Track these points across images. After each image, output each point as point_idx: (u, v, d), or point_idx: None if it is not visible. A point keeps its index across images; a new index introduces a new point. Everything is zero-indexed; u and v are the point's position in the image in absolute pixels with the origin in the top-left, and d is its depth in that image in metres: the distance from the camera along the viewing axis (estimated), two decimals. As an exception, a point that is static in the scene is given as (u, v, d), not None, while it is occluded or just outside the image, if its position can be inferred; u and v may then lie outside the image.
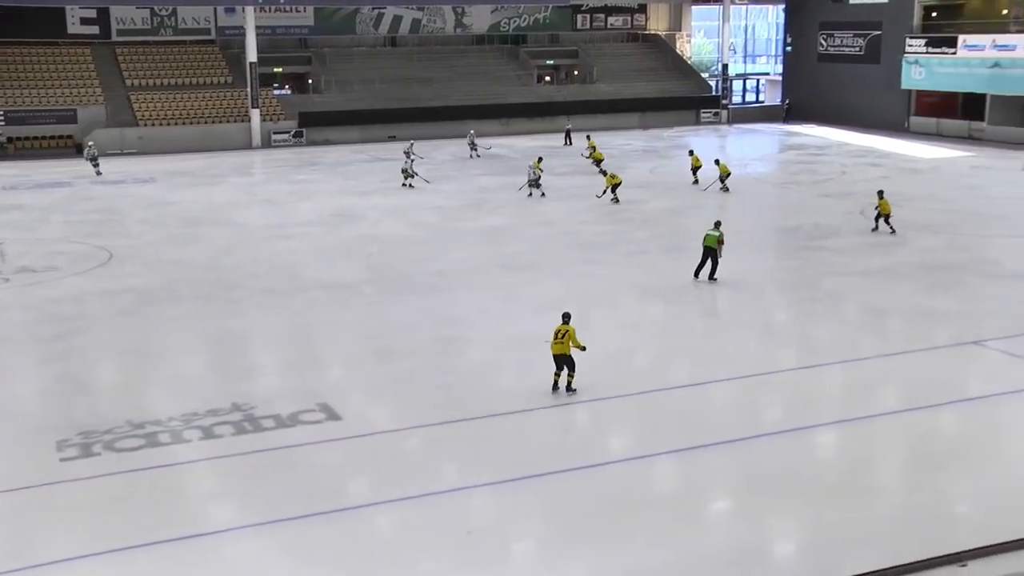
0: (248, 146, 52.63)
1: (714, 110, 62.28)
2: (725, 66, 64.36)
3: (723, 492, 13.24)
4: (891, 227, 28.14)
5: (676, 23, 69.09)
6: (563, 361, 16.29)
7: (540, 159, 37.23)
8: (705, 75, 67.82)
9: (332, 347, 19.61)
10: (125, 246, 28.38)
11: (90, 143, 44.33)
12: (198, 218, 32.79)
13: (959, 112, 53.30)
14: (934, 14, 54.54)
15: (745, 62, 76.18)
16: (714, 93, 63.93)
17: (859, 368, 17.61)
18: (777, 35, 72.63)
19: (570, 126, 52.80)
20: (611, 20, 65.62)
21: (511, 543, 11.88)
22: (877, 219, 28.52)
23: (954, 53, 50.61)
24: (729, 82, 65.30)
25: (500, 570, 11.33)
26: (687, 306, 21.97)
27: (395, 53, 61.87)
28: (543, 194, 35.26)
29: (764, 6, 73.50)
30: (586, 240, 28.68)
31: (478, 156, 46.41)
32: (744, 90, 71.39)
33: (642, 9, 66.37)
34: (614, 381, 16.95)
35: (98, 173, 42.12)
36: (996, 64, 48.21)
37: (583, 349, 16.20)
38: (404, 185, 38.06)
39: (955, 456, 14.10)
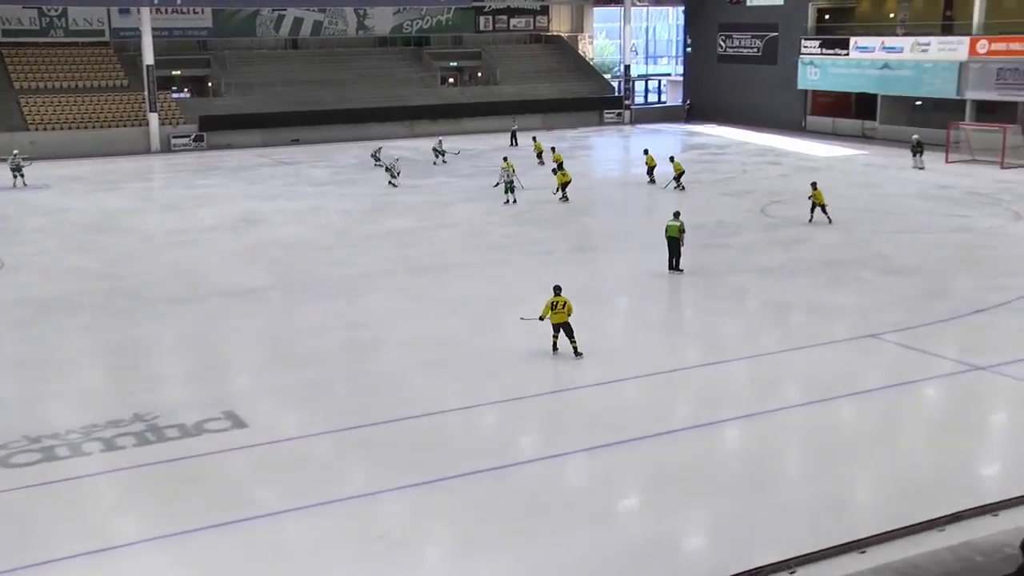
0: (147, 151, 51.43)
1: (617, 111, 62.95)
2: (627, 67, 65.16)
3: (634, 488, 13.39)
4: (828, 216, 29.60)
5: (578, 24, 69.69)
6: (562, 327, 18.03)
7: (505, 159, 36.89)
8: (608, 76, 68.52)
9: (238, 354, 19.29)
10: (19, 255, 27.48)
11: (15, 151, 41.71)
12: (96, 225, 31.94)
13: (853, 112, 54.80)
14: (827, 17, 56.02)
15: (647, 63, 77.17)
16: (617, 94, 64.64)
17: (763, 363, 17.98)
18: (677, 36, 73.74)
19: (516, 126, 52.84)
20: (514, 22, 65.86)
21: (423, 547, 11.82)
22: (812, 209, 29.76)
23: (846, 55, 52.06)
24: (631, 83, 66.10)
25: (413, 574, 11.27)
26: (595, 306, 22.11)
27: (297, 55, 61.16)
28: (515, 200, 34.23)
29: (664, 8, 74.56)
30: (493, 242, 28.74)
31: (444, 162, 45.06)
32: (646, 91, 72.29)
33: (544, 11, 66.79)
34: (525, 381, 17.01)
35: (22, 184, 39.72)
36: (886, 65, 49.74)
37: (569, 315, 18.14)
38: (391, 184, 38.24)
39: (855, 446, 14.49)
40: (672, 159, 37.51)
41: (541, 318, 18.15)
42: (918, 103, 50.76)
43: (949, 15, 50.91)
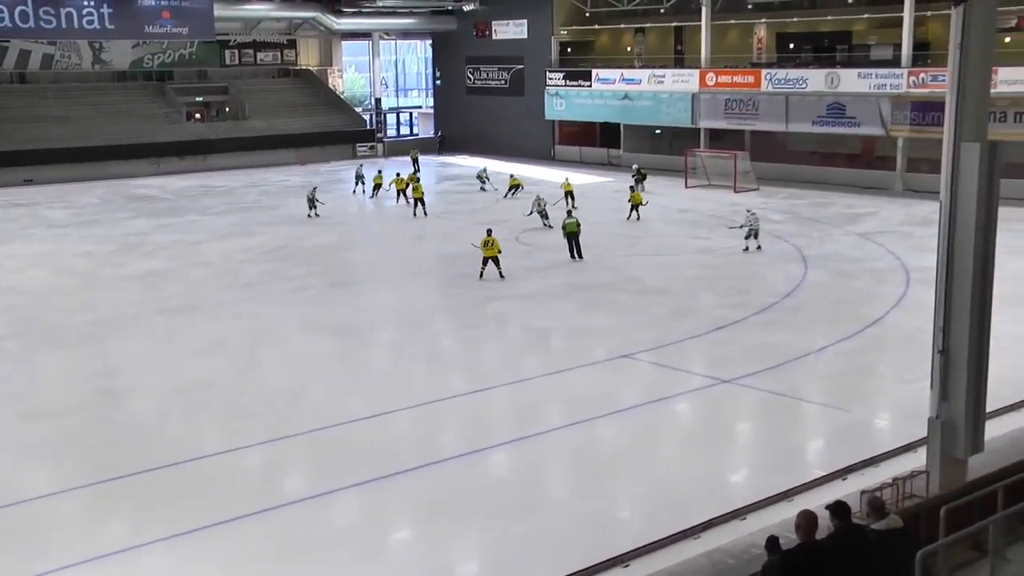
0: None
1: (370, 143, 63.07)
2: (378, 100, 65.45)
3: (405, 521, 13.44)
4: (638, 214, 35.21)
5: (327, 58, 69.38)
6: (491, 259, 26.44)
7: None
8: (359, 109, 68.54)
9: (-28, 411, 17.95)
10: None
11: None
12: None
13: (598, 141, 57.30)
14: (569, 49, 58.39)
15: (397, 95, 77.78)
16: (369, 127, 64.78)
17: (526, 388, 18.45)
18: (427, 69, 74.76)
19: (417, 152, 53.76)
20: (260, 56, 64.76)
21: (191, 599, 11.41)
22: (632, 210, 35.11)
23: (589, 86, 54.42)
24: (383, 115, 66.37)
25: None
26: (356, 339, 22.08)
27: (25, 90, 57.57)
28: (550, 225, 34.01)
29: (412, 41, 75.46)
30: (247, 279, 28.12)
31: (485, 190, 44.40)
32: (398, 123, 72.75)
33: (292, 44, 66.09)
34: (288, 420, 16.73)
35: None
36: (626, 96, 52.38)
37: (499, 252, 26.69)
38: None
39: (616, 464, 15.11)
40: (567, 179, 39.95)
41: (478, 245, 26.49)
42: (658, 131, 53.69)
43: (680, 49, 54.24)
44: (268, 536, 12.77)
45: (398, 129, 72.05)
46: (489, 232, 27.12)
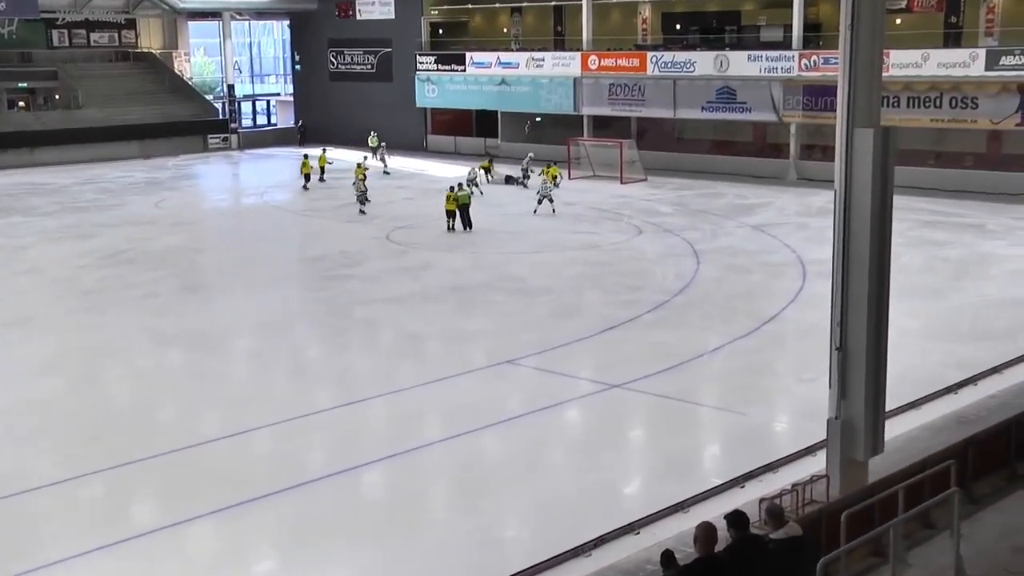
0: None
1: (223, 135, 61.95)
2: (231, 87, 64.26)
3: (269, 550, 13.26)
4: (550, 198, 36.21)
5: (172, 40, 67.83)
6: (458, 211, 32.42)
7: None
8: (210, 97, 67.28)
9: None
10: None
11: None
12: None
13: (474, 130, 57.49)
14: (440, 31, 58.43)
15: (253, 82, 76.64)
16: (221, 116, 63.63)
17: (401, 399, 18.37)
18: (285, 53, 73.88)
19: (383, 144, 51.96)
20: (94, 37, 62.89)
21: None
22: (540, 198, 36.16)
23: (463, 71, 54.53)
24: (236, 104, 65.25)
25: None
26: (210, 350, 21.67)
27: None
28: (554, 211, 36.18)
29: (268, 22, 74.44)
30: (86, 287, 27.31)
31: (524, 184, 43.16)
32: (255, 112, 71.65)
33: (131, 24, 64.37)
34: (136, 442, 16.31)
35: None
36: (503, 81, 52.66)
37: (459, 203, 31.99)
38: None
39: (502, 477, 15.18)
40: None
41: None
42: (538, 119, 54.14)
43: (560, 30, 54.80)
44: (115, 574, 12.42)
45: (254, 119, 70.97)
46: (452, 188, 33.20)
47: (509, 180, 43.22)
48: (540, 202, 36.36)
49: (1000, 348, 19.68)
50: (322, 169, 45.26)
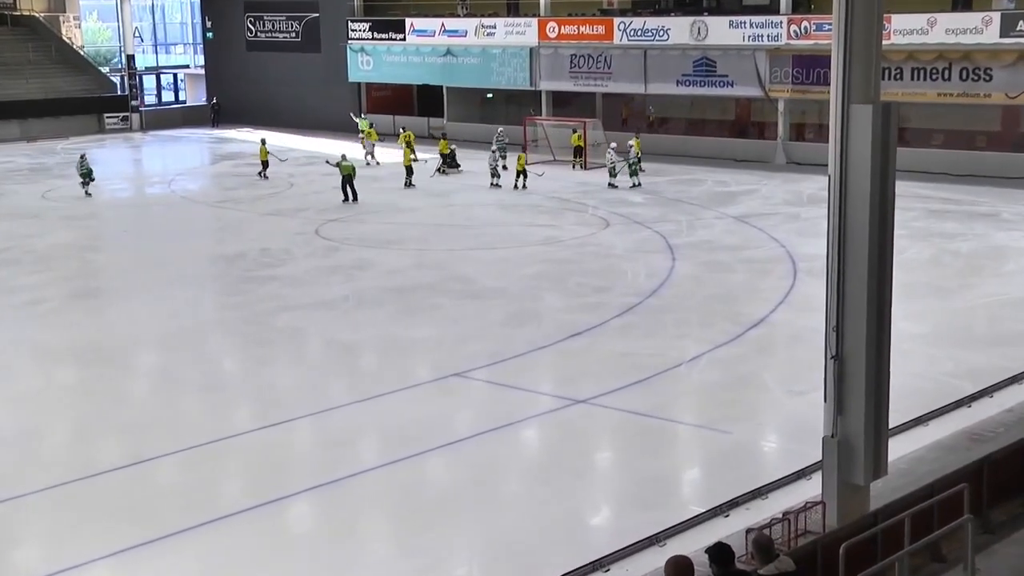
0: None
1: (122, 114, 61.43)
2: (131, 57, 63.74)
3: (177, 597, 13.12)
4: (524, 182, 39.00)
5: (59, 3, 67.21)
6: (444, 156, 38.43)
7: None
8: (106, 70, 66.69)
9: None
10: None
11: None
12: None
13: (416, 109, 57.34)
14: (376, -6, 58.34)
15: (157, 53, 76.04)
16: (120, 92, 63.06)
17: (332, 419, 18.26)
18: (194, 19, 73.37)
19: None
20: (-38, -3, 62.32)
21: None
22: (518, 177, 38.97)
23: (403, 40, 54.38)
24: (138, 78, 64.67)
25: None
26: (106, 366, 21.43)
27: None
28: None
29: (174, -18, 73.99)
30: (-41, 292, 27.00)
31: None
32: (159, 88, 71.05)
33: (9, -17, 63.79)
34: (18, 474, 16.13)
35: None
36: (448, 52, 52.53)
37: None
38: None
39: (449, 507, 15.09)
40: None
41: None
42: (489, 95, 54.08)
43: (514, -8, 54.85)
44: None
45: (159, 95, 70.38)
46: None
47: (493, 177, 40.75)
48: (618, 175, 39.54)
49: (1018, 355, 19.84)
50: (264, 164, 43.29)
